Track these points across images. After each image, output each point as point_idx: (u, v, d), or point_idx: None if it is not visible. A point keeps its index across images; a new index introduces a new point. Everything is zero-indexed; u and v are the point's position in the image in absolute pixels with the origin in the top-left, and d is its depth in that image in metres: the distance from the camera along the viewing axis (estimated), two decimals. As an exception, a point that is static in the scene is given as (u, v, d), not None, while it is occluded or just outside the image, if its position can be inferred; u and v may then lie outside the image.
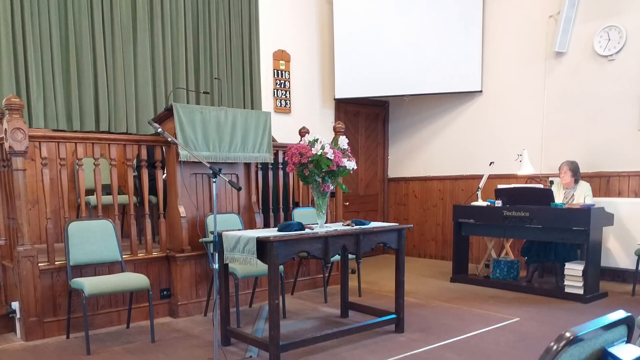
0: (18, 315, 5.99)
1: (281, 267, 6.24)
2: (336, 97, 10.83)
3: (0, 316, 6.17)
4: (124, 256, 6.33)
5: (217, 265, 4.69)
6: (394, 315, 6.09)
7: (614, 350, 2.02)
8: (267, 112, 7.49)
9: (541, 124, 9.50)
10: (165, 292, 6.86)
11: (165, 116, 6.83)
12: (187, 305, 6.85)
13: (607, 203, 8.11)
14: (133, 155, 6.81)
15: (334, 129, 8.30)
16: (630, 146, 8.41)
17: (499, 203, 8.21)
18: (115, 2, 8.14)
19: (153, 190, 7.23)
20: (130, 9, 8.34)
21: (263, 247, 4.97)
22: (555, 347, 1.83)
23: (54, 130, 7.49)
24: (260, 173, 7.75)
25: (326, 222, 6.08)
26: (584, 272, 7.34)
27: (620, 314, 2.12)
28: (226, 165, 7.14)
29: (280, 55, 10.29)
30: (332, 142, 5.62)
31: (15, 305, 6.02)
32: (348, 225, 5.78)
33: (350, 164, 5.56)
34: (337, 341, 5.71)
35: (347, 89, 10.73)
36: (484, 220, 8.38)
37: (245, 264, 5.13)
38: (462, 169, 10.78)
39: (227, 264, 5.65)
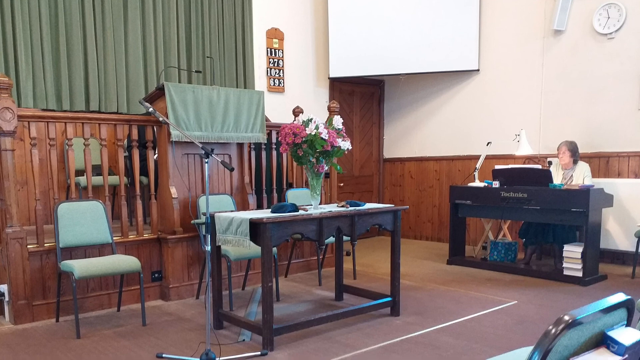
0: (7, 298, 5.95)
1: (275, 249, 6.23)
2: (330, 76, 10.76)
3: (-12, 299, 6.14)
4: (114, 238, 6.28)
5: (209, 248, 4.62)
6: (389, 298, 6.04)
7: (614, 333, 2.01)
8: (260, 91, 7.42)
9: (539, 103, 9.42)
10: (156, 275, 6.81)
11: (157, 95, 6.76)
12: (179, 288, 6.80)
13: (607, 184, 8.07)
14: (124, 135, 6.74)
15: (329, 108, 8.25)
16: (630, 126, 8.35)
17: (496, 184, 8.15)
18: (105, -21, 8.04)
19: (144, 171, 7.20)
20: (121, -14, 8.24)
21: (256, 229, 4.91)
22: (554, 330, 1.82)
23: (44, 110, 7.42)
24: (253, 153, 7.71)
25: (320, 203, 6.05)
26: (583, 254, 7.29)
27: (620, 296, 2.11)
28: (219, 146, 7.08)
29: (274, 34, 10.19)
30: (326, 121, 5.57)
31: (3, 288, 5.98)
32: (343, 206, 5.73)
33: (345, 144, 5.51)
34: (332, 324, 5.67)
35: (342, 68, 10.66)
36: (481, 202, 8.32)
37: (238, 246, 5.08)
38: (459, 150, 10.72)
39: (219, 246, 5.59)
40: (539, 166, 8.51)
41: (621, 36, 8.40)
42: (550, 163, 8.34)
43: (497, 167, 8.57)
